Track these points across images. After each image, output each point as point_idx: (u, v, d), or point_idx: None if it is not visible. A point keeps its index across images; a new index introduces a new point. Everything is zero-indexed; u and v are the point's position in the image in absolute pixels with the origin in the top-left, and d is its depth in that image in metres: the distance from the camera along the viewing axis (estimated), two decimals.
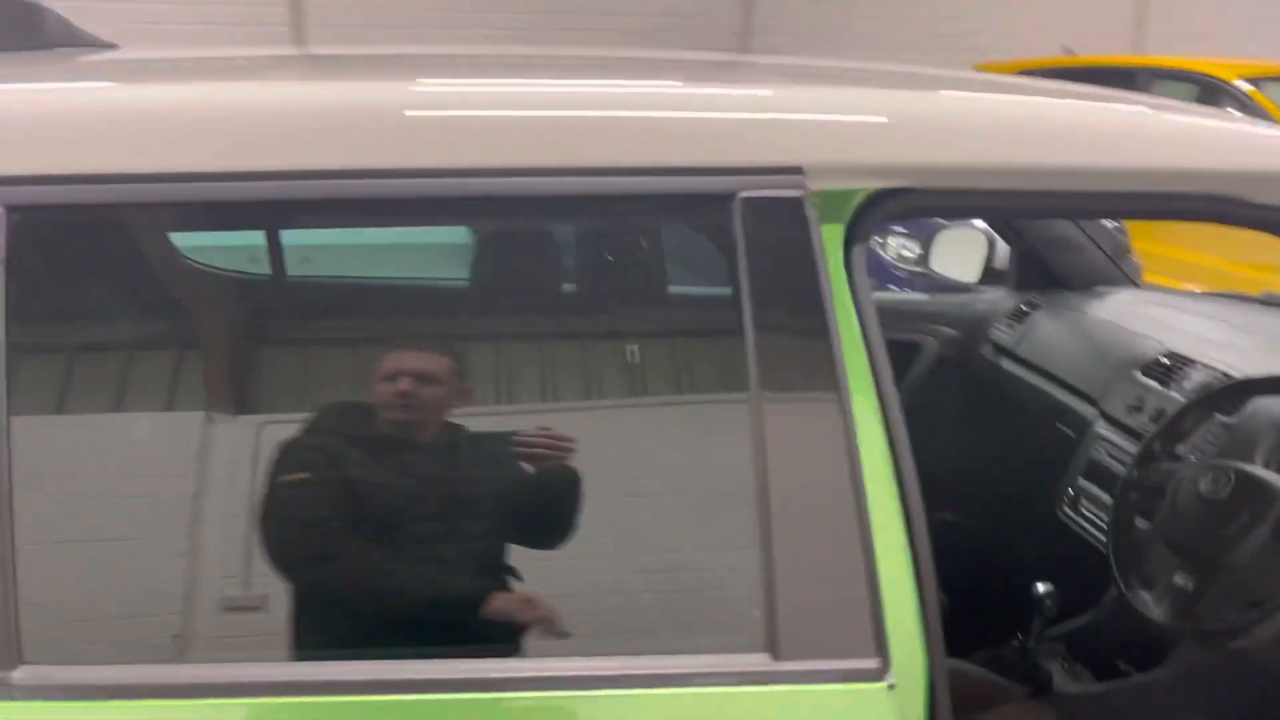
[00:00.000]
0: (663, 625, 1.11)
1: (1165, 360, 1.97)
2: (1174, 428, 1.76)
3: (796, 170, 1.07)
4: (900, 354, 2.59)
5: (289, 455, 1.14)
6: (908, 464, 1.08)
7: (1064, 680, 1.92)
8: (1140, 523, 1.70)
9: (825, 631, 1.03)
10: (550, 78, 1.34)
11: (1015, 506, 2.34)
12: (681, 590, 1.16)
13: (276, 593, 1.08)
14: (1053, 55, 7.86)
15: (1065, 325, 2.34)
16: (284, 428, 1.14)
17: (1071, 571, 1.96)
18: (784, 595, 1.02)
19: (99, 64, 1.38)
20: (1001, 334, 2.47)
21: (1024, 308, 2.46)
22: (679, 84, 1.30)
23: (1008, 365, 2.42)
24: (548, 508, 1.20)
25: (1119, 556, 1.69)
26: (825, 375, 1.05)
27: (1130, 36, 9.80)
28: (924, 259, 2.65)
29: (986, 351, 2.50)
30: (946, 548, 2.46)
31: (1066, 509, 2.04)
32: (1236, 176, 1.17)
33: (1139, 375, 2.00)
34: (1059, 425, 2.21)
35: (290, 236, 1.34)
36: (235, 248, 1.71)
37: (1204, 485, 1.56)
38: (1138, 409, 1.96)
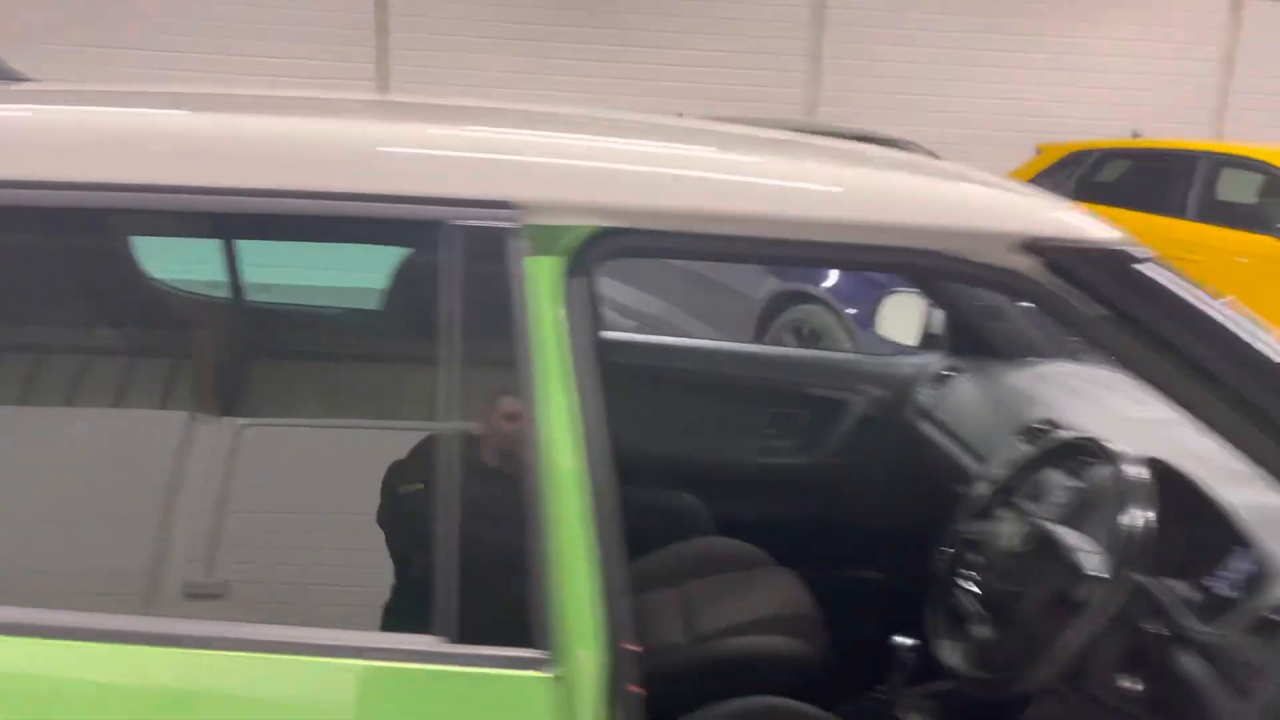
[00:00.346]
0: (355, 605, 1.22)
1: (1040, 426, 2.00)
2: (1007, 486, 1.80)
3: (504, 204, 1.18)
4: (828, 411, 2.66)
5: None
6: (604, 485, 1.16)
7: None
8: (959, 575, 1.73)
9: (498, 622, 1.13)
10: (303, 115, 1.44)
11: (922, 566, 2.38)
12: (381, 577, 1.27)
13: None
14: (1124, 137, 7.79)
15: (980, 392, 2.38)
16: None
17: None
18: (465, 587, 1.13)
19: None
20: (924, 396, 2.52)
21: (947, 372, 2.50)
22: (411, 122, 1.41)
23: (925, 427, 2.47)
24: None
25: (935, 607, 1.73)
26: (517, 397, 1.15)
27: (1211, 122, 9.62)
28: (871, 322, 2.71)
29: (910, 413, 2.54)
30: (868, 605, 2.49)
31: (937, 567, 2.08)
32: (950, 234, 1.23)
33: (1015, 439, 2.04)
34: (957, 487, 2.24)
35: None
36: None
37: (1007, 540, 1.60)
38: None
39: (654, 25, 9.13)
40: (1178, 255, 6.50)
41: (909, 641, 1.97)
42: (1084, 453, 1.70)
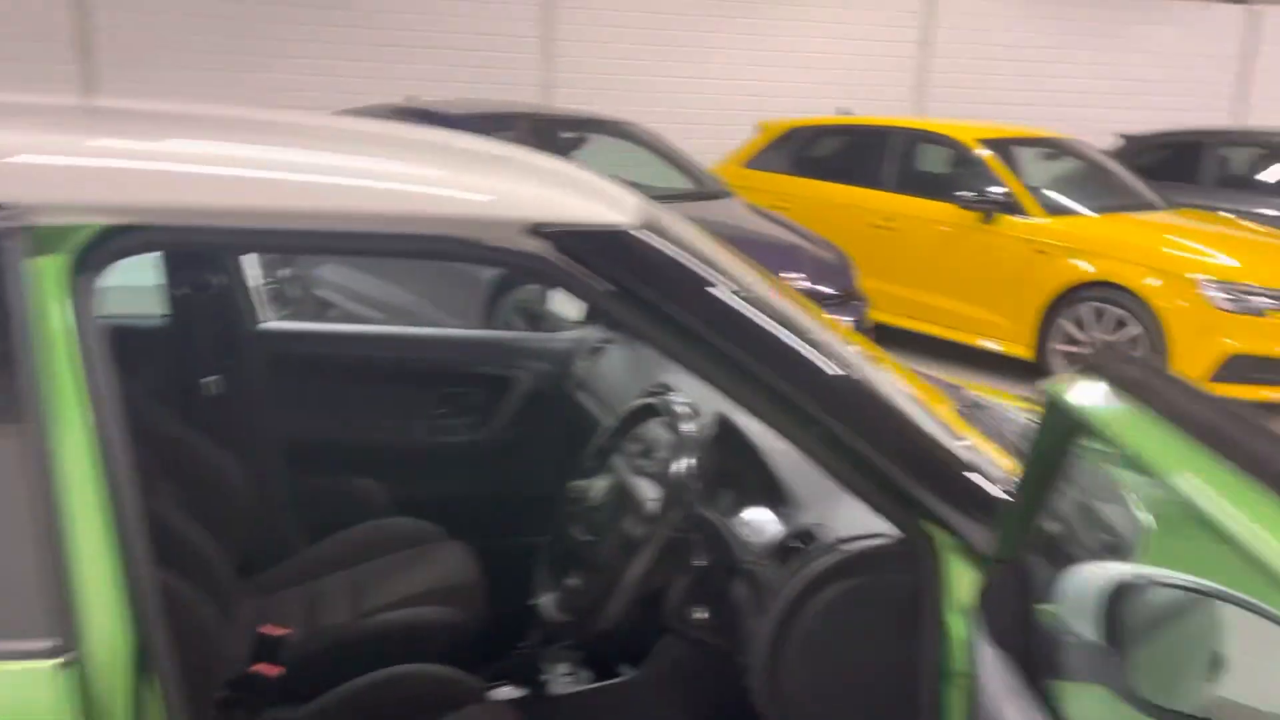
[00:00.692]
0: None
1: (654, 389, 2.19)
2: (605, 446, 1.97)
3: None
4: (497, 387, 2.78)
5: None
6: (122, 478, 1.20)
7: (559, 684, 2.09)
8: (562, 532, 1.89)
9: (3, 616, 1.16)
10: None
11: None
12: None
13: None
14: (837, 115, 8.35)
15: (624, 361, 2.56)
16: None
17: None
18: None
19: None
20: (580, 368, 2.67)
21: (599, 345, 2.67)
22: None
23: (581, 397, 2.62)
24: None
25: (543, 562, 1.87)
26: (20, 397, 1.17)
27: (914, 100, 10.48)
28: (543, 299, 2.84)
29: (569, 384, 2.70)
30: (522, 571, 2.61)
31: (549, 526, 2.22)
32: (462, 221, 1.35)
33: (648, 399, 2.21)
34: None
35: None
36: None
37: (597, 494, 1.76)
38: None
39: (385, 8, 8.99)
40: (881, 224, 7.08)
41: (540, 598, 2.11)
42: (661, 412, 1.88)
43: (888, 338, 6.98)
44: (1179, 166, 8.38)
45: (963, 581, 1.39)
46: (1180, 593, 1.22)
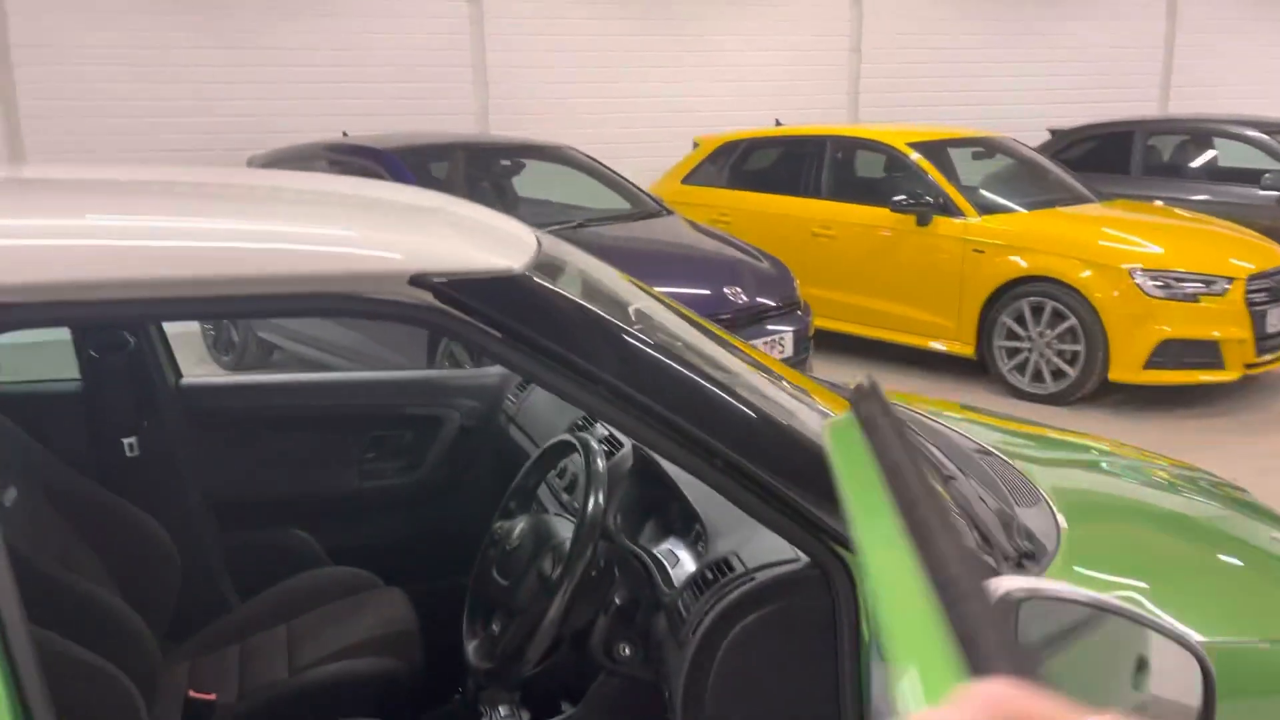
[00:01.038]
0: None
1: (579, 423, 2.17)
2: (522, 486, 1.95)
3: None
4: (428, 427, 2.75)
5: None
6: None
7: None
8: (484, 576, 1.87)
9: None
10: None
11: None
12: None
13: None
14: (768, 127, 8.41)
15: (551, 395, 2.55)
16: None
17: None
18: None
19: None
20: (510, 403, 2.66)
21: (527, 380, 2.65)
22: None
23: (512, 431, 2.60)
24: None
25: (467, 609, 1.85)
26: None
27: (849, 107, 10.59)
28: None
29: (500, 420, 2.68)
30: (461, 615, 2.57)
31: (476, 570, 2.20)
32: (351, 278, 1.32)
33: (565, 435, 2.20)
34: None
35: None
36: None
37: (515, 536, 1.74)
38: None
39: (314, 45, 8.92)
40: (820, 232, 7.13)
41: (471, 642, 2.09)
42: (578, 447, 1.87)
43: (835, 344, 7.04)
44: (1108, 157, 8.53)
45: None
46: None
